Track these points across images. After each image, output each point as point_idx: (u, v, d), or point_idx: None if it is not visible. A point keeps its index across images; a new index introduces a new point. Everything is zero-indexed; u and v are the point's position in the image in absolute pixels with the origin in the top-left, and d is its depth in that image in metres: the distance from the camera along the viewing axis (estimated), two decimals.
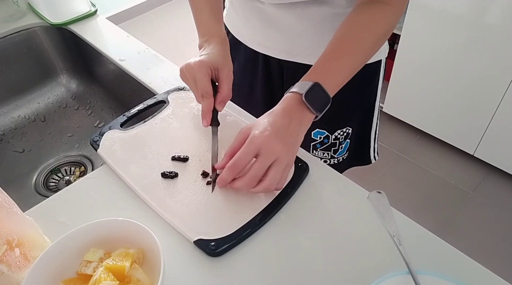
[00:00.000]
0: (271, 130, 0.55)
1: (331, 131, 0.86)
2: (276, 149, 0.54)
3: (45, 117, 1.06)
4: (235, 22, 0.85)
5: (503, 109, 1.58)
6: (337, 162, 0.92)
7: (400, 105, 1.96)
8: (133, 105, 0.75)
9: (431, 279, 0.46)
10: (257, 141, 0.54)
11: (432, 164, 1.87)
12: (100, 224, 0.49)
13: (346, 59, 0.62)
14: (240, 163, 0.55)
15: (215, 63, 0.63)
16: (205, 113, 0.63)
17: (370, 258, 0.52)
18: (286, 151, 0.55)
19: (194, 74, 0.62)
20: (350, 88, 0.65)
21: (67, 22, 1.03)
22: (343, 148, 0.90)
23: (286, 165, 0.56)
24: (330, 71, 0.61)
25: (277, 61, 0.81)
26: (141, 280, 0.46)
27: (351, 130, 0.88)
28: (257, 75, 0.87)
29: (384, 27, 0.63)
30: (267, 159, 0.54)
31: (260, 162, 0.54)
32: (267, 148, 0.54)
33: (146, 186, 0.60)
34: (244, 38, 0.84)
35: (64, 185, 0.94)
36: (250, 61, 0.86)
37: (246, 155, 0.54)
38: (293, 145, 0.57)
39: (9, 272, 0.45)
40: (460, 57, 1.60)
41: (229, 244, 0.52)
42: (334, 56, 0.62)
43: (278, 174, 0.55)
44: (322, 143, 0.88)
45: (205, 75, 0.62)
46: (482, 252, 1.54)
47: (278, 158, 0.54)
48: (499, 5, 1.40)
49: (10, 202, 0.49)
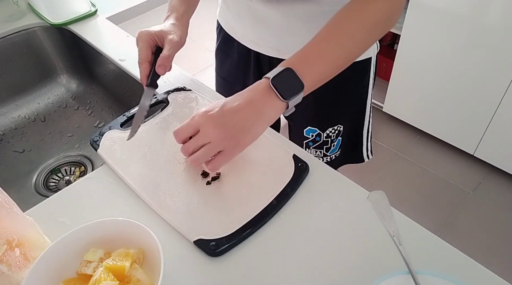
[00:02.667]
0: (216, 113, 0.55)
1: (322, 129, 0.87)
2: (210, 133, 0.54)
3: (45, 117, 1.06)
4: (228, 19, 0.86)
5: (503, 109, 1.58)
6: (330, 160, 0.93)
7: (400, 105, 1.96)
8: (133, 105, 0.75)
9: (431, 279, 0.46)
10: (197, 120, 0.56)
11: (432, 164, 1.87)
12: (100, 224, 0.49)
13: (329, 47, 0.58)
14: (179, 133, 0.57)
15: (160, 32, 0.69)
16: (141, 78, 0.69)
17: (370, 258, 0.52)
18: (222, 137, 0.54)
19: (137, 43, 0.69)
20: (339, 86, 0.64)
21: (67, 22, 1.03)
22: (335, 146, 0.91)
23: (223, 151, 0.55)
24: (308, 59, 0.58)
25: (268, 58, 0.83)
26: (141, 280, 0.46)
27: (342, 128, 0.88)
28: (249, 72, 0.88)
29: (374, 16, 0.59)
30: (199, 139, 0.55)
31: (193, 139, 0.56)
32: (203, 129, 0.55)
33: (146, 185, 0.60)
34: (236, 35, 0.86)
35: (64, 185, 0.94)
36: (242, 58, 0.87)
37: (185, 128, 0.57)
38: (237, 132, 0.54)
39: (9, 272, 0.45)
40: (460, 57, 1.60)
41: (229, 244, 0.52)
42: (316, 44, 0.59)
43: (204, 156, 0.55)
44: (314, 141, 0.89)
45: (145, 43, 0.68)
46: (482, 252, 1.54)
47: (212, 142, 0.54)
48: (499, 5, 1.40)
49: (10, 202, 0.49)
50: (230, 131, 0.54)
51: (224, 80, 0.94)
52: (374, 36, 0.61)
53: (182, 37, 0.72)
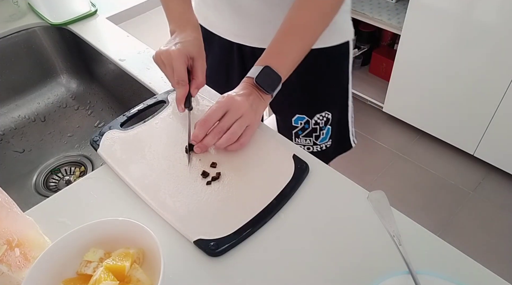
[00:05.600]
0: (237, 94, 0.64)
1: (310, 115, 0.89)
2: (242, 107, 0.62)
3: (45, 117, 1.06)
4: (206, 14, 0.86)
5: (503, 109, 1.58)
6: (321, 149, 0.95)
7: (400, 105, 1.96)
8: (133, 105, 0.75)
9: (431, 279, 0.46)
10: (226, 100, 0.62)
11: (432, 164, 1.87)
12: (100, 224, 0.49)
13: (294, 39, 0.67)
14: (210, 118, 0.62)
15: (192, 53, 0.68)
16: (180, 100, 0.68)
17: (370, 258, 0.52)
18: (250, 110, 0.63)
19: (172, 61, 0.66)
20: (322, 71, 0.71)
21: (67, 22, 1.03)
22: (324, 134, 0.93)
23: (249, 125, 0.63)
24: (279, 54, 0.67)
25: (250, 49, 0.84)
26: (141, 280, 0.46)
27: (331, 115, 0.90)
28: (233, 65, 0.89)
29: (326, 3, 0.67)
30: (233, 115, 0.62)
31: (227, 116, 0.62)
32: (234, 106, 0.62)
33: (146, 186, 0.60)
34: (217, 29, 0.86)
35: (64, 185, 0.94)
36: (224, 52, 0.88)
37: (215, 111, 0.62)
38: (255, 110, 0.64)
39: (9, 272, 0.45)
40: (460, 57, 1.60)
41: (229, 244, 0.52)
42: (282, 38, 0.67)
43: (239, 129, 0.62)
44: (303, 129, 0.91)
45: (182, 64, 0.66)
46: (482, 252, 1.54)
47: (244, 114, 0.62)
48: (500, 5, 1.40)
49: (10, 202, 0.49)
50: (253, 108, 0.63)
51: (208, 77, 0.95)
52: (328, 21, 0.70)
53: (204, 55, 0.72)
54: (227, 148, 0.63)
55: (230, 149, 0.63)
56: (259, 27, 0.80)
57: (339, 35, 0.82)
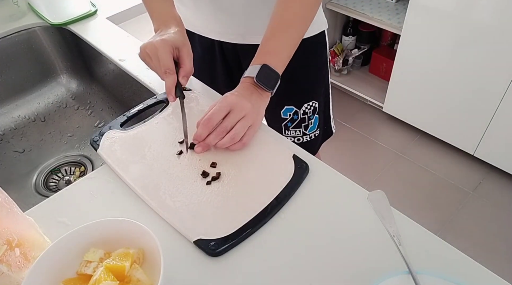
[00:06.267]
0: (239, 94, 0.64)
1: (298, 106, 0.91)
2: (245, 107, 0.62)
3: (45, 117, 1.06)
4: (185, 15, 0.85)
5: (503, 109, 1.58)
6: (310, 139, 0.96)
7: (400, 105, 1.96)
8: (133, 105, 0.75)
9: (431, 279, 0.46)
10: (229, 100, 0.62)
11: (432, 164, 1.87)
12: (100, 224, 0.49)
13: (286, 35, 0.68)
14: (213, 118, 0.62)
15: (176, 42, 0.68)
16: (169, 89, 0.67)
17: (370, 258, 0.52)
18: (253, 110, 0.63)
19: (157, 52, 0.66)
20: (304, 61, 0.73)
21: (67, 22, 1.03)
22: (313, 124, 0.95)
23: (252, 125, 0.63)
24: (274, 51, 0.67)
25: (231, 45, 0.84)
26: (141, 280, 0.46)
27: (318, 104, 0.92)
28: (216, 63, 0.90)
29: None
30: (237, 115, 0.62)
31: (230, 116, 0.62)
32: (238, 105, 0.62)
33: (146, 186, 0.60)
34: (197, 28, 0.87)
35: (64, 185, 0.94)
36: (206, 51, 0.89)
37: (219, 111, 0.62)
38: (257, 109, 0.65)
39: (9, 272, 0.45)
40: (460, 57, 1.59)
41: (229, 244, 0.52)
42: (275, 35, 0.68)
43: (243, 129, 0.62)
44: (292, 120, 0.93)
45: (168, 53, 0.66)
46: (482, 252, 1.54)
47: (247, 114, 0.62)
48: (499, 5, 1.40)
49: (10, 202, 0.49)
50: (255, 108, 0.64)
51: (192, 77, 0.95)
52: (315, 12, 0.71)
53: (189, 45, 0.72)
54: (229, 148, 0.63)
55: (232, 149, 0.64)
56: (239, 24, 0.80)
57: (315, 26, 0.85)
